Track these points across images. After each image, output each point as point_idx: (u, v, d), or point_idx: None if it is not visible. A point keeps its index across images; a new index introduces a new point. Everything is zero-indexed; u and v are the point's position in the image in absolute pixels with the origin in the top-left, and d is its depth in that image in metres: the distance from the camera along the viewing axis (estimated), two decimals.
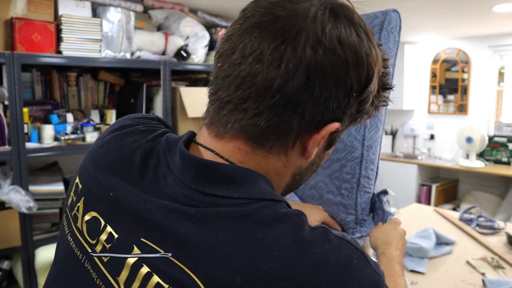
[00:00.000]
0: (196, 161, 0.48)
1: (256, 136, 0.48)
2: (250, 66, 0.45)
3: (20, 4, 1.95)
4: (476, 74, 4.31)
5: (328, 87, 0.45)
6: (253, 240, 0.42)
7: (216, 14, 2.90)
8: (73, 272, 0.51)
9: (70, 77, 2.31)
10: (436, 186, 4.22)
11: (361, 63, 0.47)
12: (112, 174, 0.52)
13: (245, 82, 0.46)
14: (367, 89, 0.49)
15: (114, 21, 2.18)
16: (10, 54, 1.83)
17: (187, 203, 0.46)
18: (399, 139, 4.93)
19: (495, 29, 3.78)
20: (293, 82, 0.44)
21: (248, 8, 0.49)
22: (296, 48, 0.44)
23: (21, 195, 1.81)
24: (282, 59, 0.44)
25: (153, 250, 0.44)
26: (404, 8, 2.80)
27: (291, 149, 0.50)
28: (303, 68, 0.44)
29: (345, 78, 0.46)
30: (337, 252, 0.43)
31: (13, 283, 2.05)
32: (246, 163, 0.49)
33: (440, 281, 1.42)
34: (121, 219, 0.48)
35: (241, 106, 0.47)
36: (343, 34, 0.46)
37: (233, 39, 0.48)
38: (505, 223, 1.96)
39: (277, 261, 0.41)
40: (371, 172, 0.92)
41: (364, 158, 0.90)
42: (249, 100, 0.46)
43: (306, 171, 0.55)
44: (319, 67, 0.44)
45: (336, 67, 0.45)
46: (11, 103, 1.84)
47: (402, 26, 0.95)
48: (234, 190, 0.46)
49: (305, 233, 0.44)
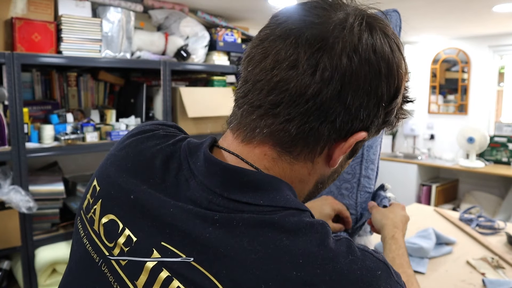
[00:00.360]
0: (222, 166, 0.48)
1: (284, 142, 0.48)
2: (284, 72, 0.45)
3: (20, 4, 1.95)
4: (476, 74, 4.31)
5: (360, 96, 0.46)
6: (278, 247, 0.42)
7: (216, 14, 2.90)
8: (89, 275, 0.50)
9: (70, 77, 2.31)
10: (436, 186, 4.22)
11: (392, 74, 0.48)
12: (132, 177, 0.51)
13: (278, 88, 0.46)
14: (395, 100, 0.50)
15: (114, 21, 2.18)
16: (10, 54, 1.83)
17: (210, 208, 0.45)
18: (399, 139, 4.93)
19: (495, 29, 3.78)
20: (327, 90, 0.45)
21: (280, 14, 0.50)
22: (333, 56, 0.44)
23: (21, 195, 1.81)
24: (318, 66, 0.44)
25: (174, 254, 0.43)
26: (404, 8, 2.80)
27: (317, 156, 0.50)
28: (338, 76, 0.45)
29: (377, 88, 0.47)
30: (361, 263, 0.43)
31: (13, 283, 2.05)
32: (271, 170, 0.49)
33: (440, 281, 1.42)
34: (140, 222, 0.47)
35: (272, 111, 0.47)
36: (378, 45, 0.47)
37: (265, 44, 0.48)
38: (505, 223, 1.96)
39: (302, 269, 0.40)
40: (371, 172, 0.92)
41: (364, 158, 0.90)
42: (281, 106, 0.46)
43: (328, 180, 0.55)
44: (354, 76, 0.45)
45: (370, 77, 0.46)
46: (11, 103, 1.84)
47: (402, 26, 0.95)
48: (259, 197, 0.46)
49: (330, 243, 0.43)
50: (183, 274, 0.42)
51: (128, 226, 0.48)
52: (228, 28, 2.81)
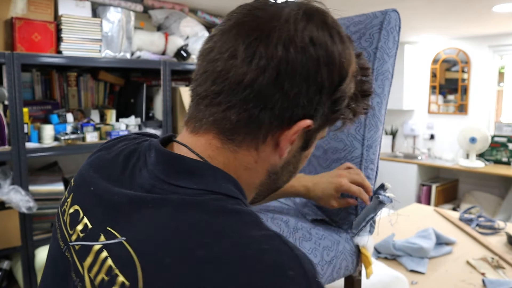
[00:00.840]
0: (167, 155, 0.51)
1: (227, 129, 0.50)
2: (225, 62, 0.48)
3: (20, 4, 1.95)
4: (476, 74, 4.31)
5: (298, 83, 0.47)
6: (195, 226, 0.43)
7: (216, 14, 2.90)
8: (58, 260, 0.56)
9: (70, 77, 2.31)
10: (436, 186, 4.22)
11: (333, 62, 0.49)
12: (96, 172, 0.57)
13: (220, 77, 0.49)
14: (340, 88, 0.51)
15: (114, 21, 2.18)
16: (10, 54, 1.83)
17: (152, 192, 0.48)
18: (399, 139, 4.93)
19: (495, 29, 3.78)
20: (264, 77, 0.47)
21: (232, 11, 0.53)
22: (268, 45, 0.47)
23: (21, 195, 1.81)
24: (254, 55, 0.47)
25: (114, 236, 0.46)
26: (404, 8, 2.80)
27: (262, 144, 0.51)
28: (274, 64, 0.46)
29: (315, 75, 0.48)
30: (275, 255, 0.41)
31: (13, 283, 2.05)
32: (215, 158, 0.51)
33: (440, 281, 1.42)
34: (96, 210, 0.52)
35: (215, 100, 0.49)
36: (315, 34, 0.48)
37: (214, 39, 0.51)
38: (505, 223, 1.96)
39: (209, 248, 0.41)
40: (371, 172, 0.92)
41: (364, 158, 0.90)
42: (222, 94, 0.49)
43: (282, 171, 0.56)
44: (290, 64, 0.47)
45: (307, 64, 0.47)
46: (11, 103, 1.84)
47: (402, 26, 0.95)
48: (193, 182, 0.48)
49: (247, 229, 0.44)
50: (116, 253, 0.45)
51: (86, 215, 0.52)
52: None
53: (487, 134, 3.92)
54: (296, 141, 0.52)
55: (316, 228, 0.89)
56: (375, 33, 0.89)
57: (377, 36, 0.89)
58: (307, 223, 0.90)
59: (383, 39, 0.89)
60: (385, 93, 0.92)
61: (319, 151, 0.95)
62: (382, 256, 1.63)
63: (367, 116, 0.89)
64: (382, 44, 0.89)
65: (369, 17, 0.92)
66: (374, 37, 0.89)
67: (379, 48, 0.89)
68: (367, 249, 0.92)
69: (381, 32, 0.89)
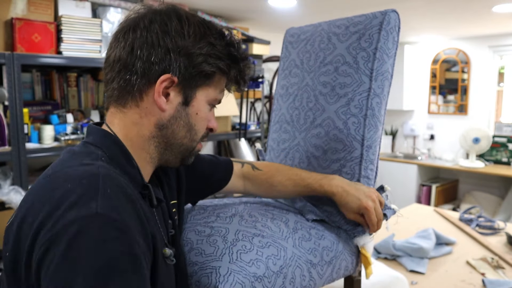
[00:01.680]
0: (89, 128, 0.71)
1: (116, 98, 0.68)
2: (109, 51, 0.69)
3: (20, 4, 1.95)
4: (476, 74, 4.31)
5: (147, 49, 0.65)
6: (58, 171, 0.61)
7: (216, 14, 2.90)
8: None
9: (70, 78, 2.31)
10: (436, 186, 4.22)
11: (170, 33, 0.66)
12: None
13: (107, 62, 0.69)
14: (187, 49, 0.66)
15: (114, 21, 2.19)
16: (10, 54, 1.83)
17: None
18: (399, 139, 4.94)
19: (495, 29, 3.78)
20: (124, 52, 0.66)
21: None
22: (128, 33, 0.67)
23: (21, 195, 1.81)
24: (119, 41, 0.67)
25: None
26: (403, 8, 2.80)
27: (140, 101, 0.67)
28: (129, 42, 0.66)
29: (158, 42, 0.65)
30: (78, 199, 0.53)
31: None
32: (112, 122, 0.69)
33: (440, 281, 1.43)
34: None
35: (108, 80, 0.69)
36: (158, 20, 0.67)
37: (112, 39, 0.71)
38: (505, 223, 1.97)
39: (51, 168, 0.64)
40: (371, 172, 0.92)
41: (363, 158, 0.90)
42: (109, 73, 0.68)
43: (171, 124, 0.69)
44: (139, 39, 0.66)
45: (151, 36, 0.66)
46: (11, 103, 1.84)
47: (402, 26, 0.95)
48: (87, 139, 0.68)
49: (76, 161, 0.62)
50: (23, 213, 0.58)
51: None
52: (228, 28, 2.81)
53: (489, 134, 3.92)
54: (173, 96, 0.68)
55: (315, 228, 0.89)
56: (374, 34, 0.90)
57: (376, 37, 0.90)
58: (307, 224, 0.90)
59: (383, 39, 0.90)
60: (385, 93, 0.92)
61: (319, 152, 0.95)
62: (382, 256, 1.63)
63: (366, 116, 0.89)
64: (382, 45, 0.90)
65: (368, 17, 0.93)
66: (374, 37, 0.90)
67: (378, 48, 0.90)
68: (367, 250, 0.92)
69: (381, 32, 0.90)
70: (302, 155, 0.98)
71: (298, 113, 1.01)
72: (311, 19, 3.24)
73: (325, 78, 0.96)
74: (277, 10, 2.87)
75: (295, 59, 1.07)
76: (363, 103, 0.90)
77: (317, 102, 0.97)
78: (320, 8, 2.85)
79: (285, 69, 1.11)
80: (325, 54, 0.98)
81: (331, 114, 0.93)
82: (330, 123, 0.93)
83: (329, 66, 0.96)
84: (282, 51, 1.14)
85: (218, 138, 2.75)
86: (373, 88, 0.90)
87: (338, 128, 0.92)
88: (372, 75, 0.90)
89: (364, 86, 0.90)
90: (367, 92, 0.90)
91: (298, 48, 1.07)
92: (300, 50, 1.06)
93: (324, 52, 0.98)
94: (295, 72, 1.06)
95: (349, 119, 0.91)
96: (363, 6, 2.72)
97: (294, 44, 1.09)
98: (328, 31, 0.99)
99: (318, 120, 0.96)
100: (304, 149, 0.98)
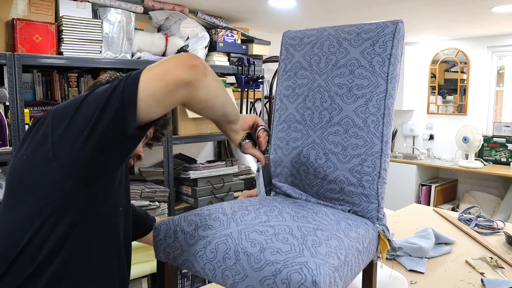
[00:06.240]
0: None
1: None
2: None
3: (21, 5, 1.96)
4: (475, 74, 4.32)
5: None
6: None
7: (216, 15, 2.90)
8: None
9: (71, 78, 2.31)
10: (435, 186, 4.23)
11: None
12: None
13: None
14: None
15: (114, 22, 2.19)
16: (11, 55, 1.83)
17: None
18: (399, 139, 4.94)
19: (494, 29, 3.79)
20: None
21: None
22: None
23: None
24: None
25: None
26: (403, 9, 2.81)
27: None
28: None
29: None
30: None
31: None
32: None
33: (439, 280, 1.43)
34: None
35: None
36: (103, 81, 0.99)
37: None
38: (504, 223, 1.97)
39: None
40: (387, 165, 1.01)
41: (383, 152, 0.99)
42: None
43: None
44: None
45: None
46: (12, 104, 1.85)
47: None
48: None
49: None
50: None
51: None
52: (228, 29, 2.82)
53: (478, 133, 3.95)
54: None
55: (350, 219, 0.96)
56: (388, 41, 1.00)
57: (390, 44, 0.99)
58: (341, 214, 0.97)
59: (395, 46, 0.99)
60: (395, 95, 1.02)
61: (338, 148, 1.02)
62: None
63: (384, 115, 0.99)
64: (395, 51, 0.99)
65: (380, 26, 1.02)
66: (388, 44, 1.00)
67: (392, 54, 0.99)
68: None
69: (393, 40, 1.00)
70: (319, 152, 1.05)
71: (311, 113, 1.08)
72: (310, 20, 3.25)
73: (340, 80, 1.04)
74: (277, 11, 2.88)
75: (300, 61, 1.12)
76: (381, 103, 0.98)
77: (333, 102, 1.04)
78: (319, 9, 2.85)
79: (288, 70, 1.15)
80: (337, 58, 1.05)
81: (350, 113, 1.01)
82: (349, 121, 1.01)
83: (344, 69, 1.04)
84: (281, 53, 1.18)
85: (218, 138, 2.75)
86: (388, 90, 0.99)
87: (357, 126, 1.00)
88: (388, 78, 0.99)
89: (381, 88, 0.99)
90: (384, 93, 0.99)
91: (303, 51, 1.12)
92: (306, 52, 1.12)
93: (336, 56, 1.06)
94: (303, 74, 1.11)
95: (368, 118, 0.99)
96: (362, 7, 2.72)
97: (296, 46, 1.14)
98: (337, 36, 1.07)
99: (335, 119, 1.03)
100: (321, 146, 1.05)
